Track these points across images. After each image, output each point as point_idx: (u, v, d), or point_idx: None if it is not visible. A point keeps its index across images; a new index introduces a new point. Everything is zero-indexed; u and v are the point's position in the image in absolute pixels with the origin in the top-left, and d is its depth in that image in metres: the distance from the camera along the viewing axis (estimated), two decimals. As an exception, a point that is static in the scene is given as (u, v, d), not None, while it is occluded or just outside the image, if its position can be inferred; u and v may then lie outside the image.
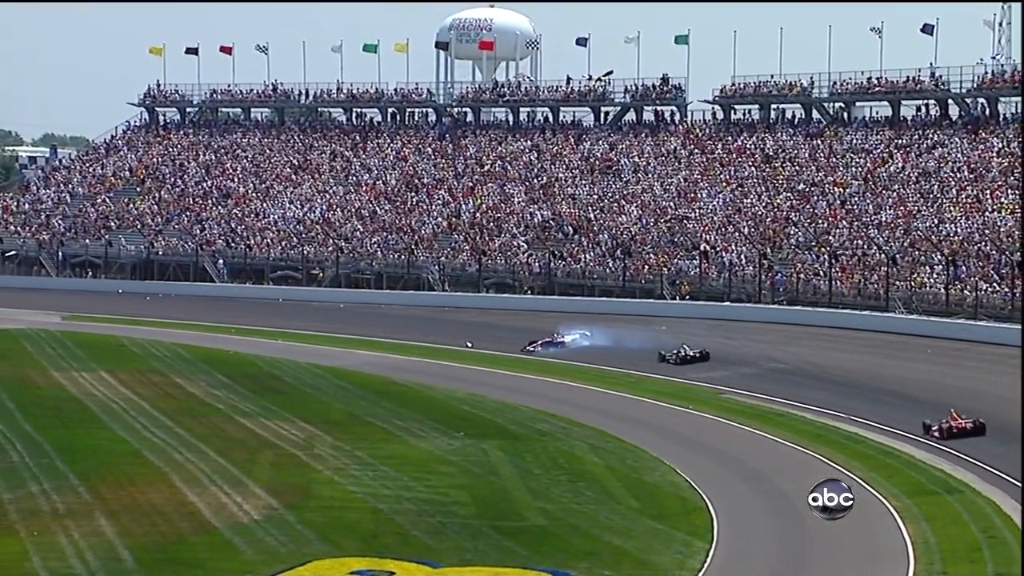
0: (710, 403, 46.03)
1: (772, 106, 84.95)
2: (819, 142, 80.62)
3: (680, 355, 53.70)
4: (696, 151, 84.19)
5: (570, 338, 59.11)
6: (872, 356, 54.79)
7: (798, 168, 79.21)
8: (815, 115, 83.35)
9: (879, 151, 77.74)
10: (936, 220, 69.83)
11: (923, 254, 67.12)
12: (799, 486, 33.24)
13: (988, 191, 70.40)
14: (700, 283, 71.91)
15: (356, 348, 59.71)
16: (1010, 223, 66.70)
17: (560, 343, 58.74)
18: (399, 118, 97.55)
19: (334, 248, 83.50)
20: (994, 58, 78.52)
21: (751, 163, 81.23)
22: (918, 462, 36.70)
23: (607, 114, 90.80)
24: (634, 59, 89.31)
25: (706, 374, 51.32)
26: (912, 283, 65.21)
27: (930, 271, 65.70)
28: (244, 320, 68.62)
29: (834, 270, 67.57)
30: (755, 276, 70.13)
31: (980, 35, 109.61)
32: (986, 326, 58.18)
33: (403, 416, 43.11)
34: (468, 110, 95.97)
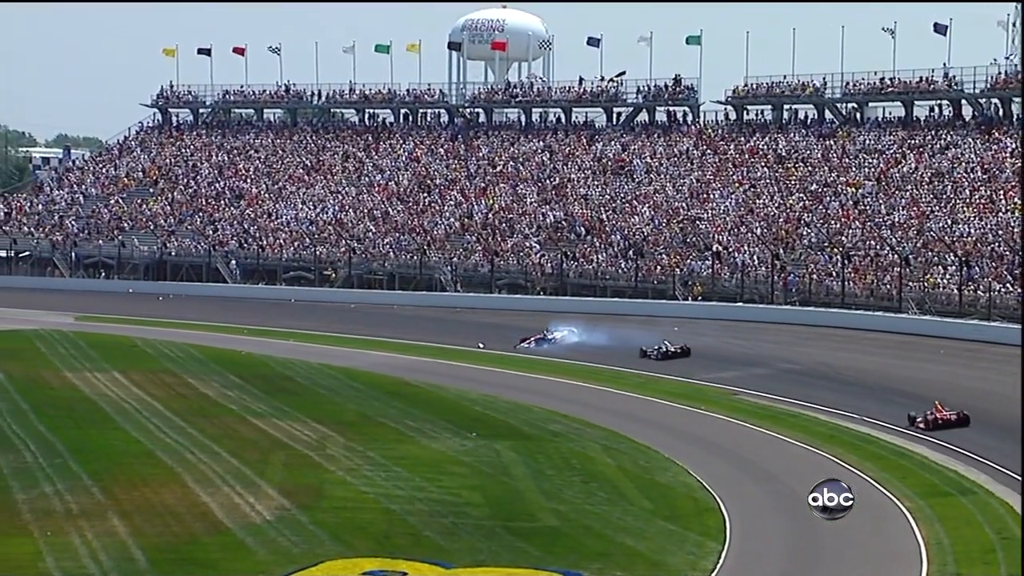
0: (722, 404, 45.98)
1: (784, 107, 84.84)
2: (832, 143, 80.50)
3: (661, 351, 55.07)
4: (708, 152, 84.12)
5: (559, 335, 60.34)
6: (885, 357, 54.69)
7: (811, 169, 79.10)
8: (828, 115, 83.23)
9: (892, 151, 77.60)
10: (949, 221, 69.70)
11: (936, 255, 66.98)
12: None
13: (1001, 191, 70.24)
14: (712, 284, 71.82)
15: (368, 349, 59.75)
16: (1024, 223, 66.62)
17: (552, 339, 59.89)
18: (411, 119, 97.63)
19: (346, 249, 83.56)
20: (1007, 58, 78.30)
21: (763, 164, 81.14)
22: (931, 463, 36.64)
23: (619, 115, 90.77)
24: (646, 60, 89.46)
25: (718, 375, 51.28)
26: (925, 284, 65.08)
27: (943, 272, 65.55)
28: (256, 321, 68.72)
29: (847, 271, 67.45)
30: (768, 277, 70.02)
31: (994, 35, 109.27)
32: (999, 327, 57.99)
33: (415, 417, 43.13)
34: (480, 111, 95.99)
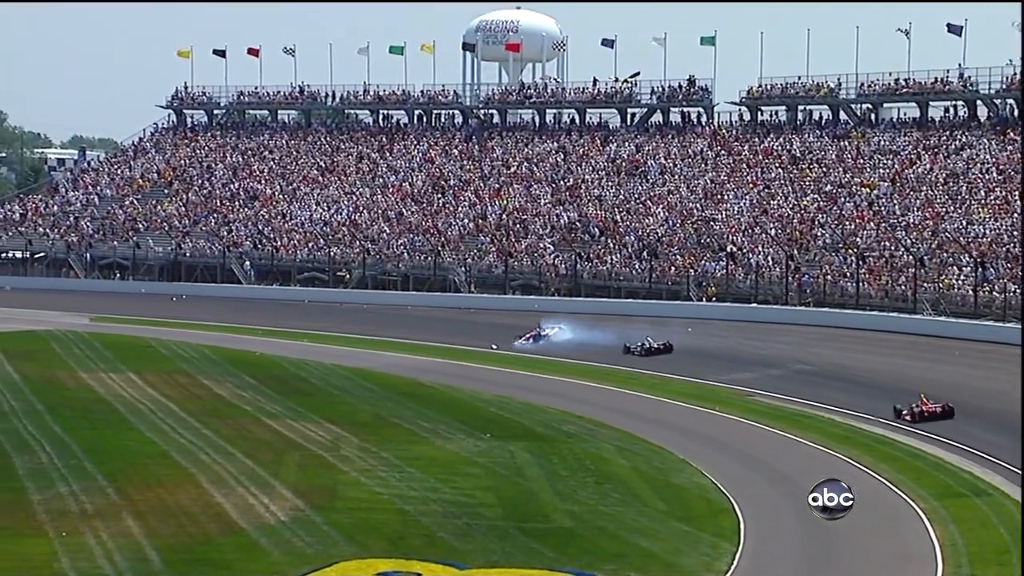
0: (736, 405, 45.96)
1: (799, 107, 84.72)
2: (846, 143, 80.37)
3: (644, 347, 56.59)
4: (723, 152, 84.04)
5: (551, 331, 61.45)
6: (899, 358, 54.60)
7: (825, 169, 78.97)
8: (842, 116, 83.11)
9: (907, 152, 77.45)
10: (964, 222, 69.52)
11: (951, 256, 66.83)
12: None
13: (1016, 192, 69.96)
14: (726, 285, 71.76)
15: (382, 350, 59.81)
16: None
17: (545, 336, 60.92)
18: (426, 120, 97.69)
19: (360, 250, 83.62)
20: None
21: (778, 164, 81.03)
22: (946, 464, 36.60)
23: (633, 116, 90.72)
24: (660, 60, 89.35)
25: (732, 376, 51.26)
26: (940, 285, 64.92)
27: (958, 273, 65.41)
28: (270, 322, 68.81)
29: (861, 272, 67.34)
30: (782, 278, 69.92)
31: (1009, 36, 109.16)
32: (1014, 328, 57.69)
33: (429, 418, 43.15)
34: (494, 112, 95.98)
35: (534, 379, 51.80)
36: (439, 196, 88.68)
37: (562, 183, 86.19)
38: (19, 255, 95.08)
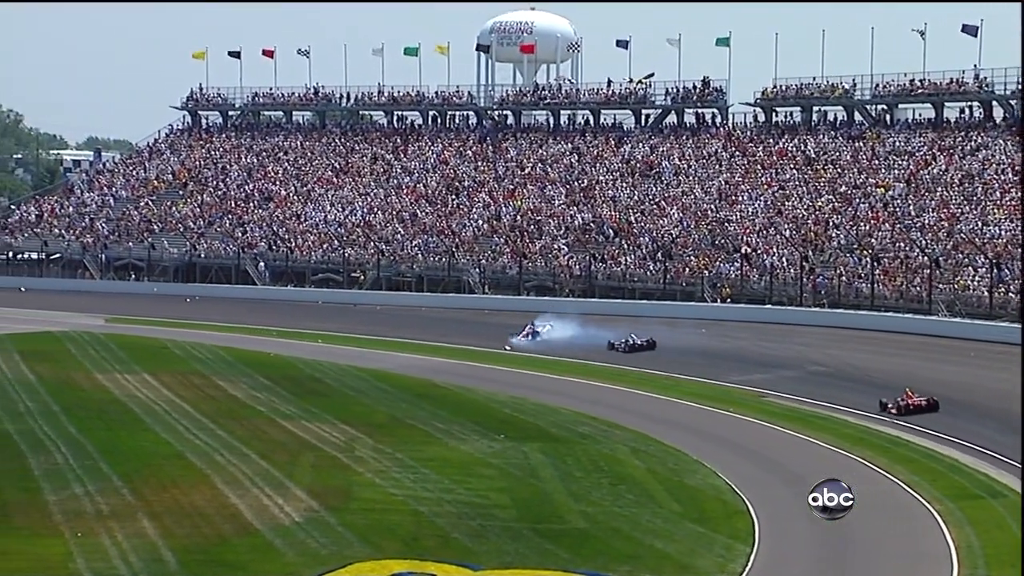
0: (751, 406, 45.87)
1: (814, 108, 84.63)
2: (861, 144, 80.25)
3: (628, 343, 57.95)
4: (737, 153, 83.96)
5: (544, 328, 62.53)
6: (914, 359, 54.47)
7: (840, 170, 78.86)
8: (857, 117, 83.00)
9: (922, 153, 77.30)
10: (980, 223, 69.38)
11: (966, 257, 66.71)
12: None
13: (1032, 193, 69.91)
14: (741, 286, 71.70)
15: (397, 351, 59.81)
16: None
17: (539, 333, 61.98)
18: (440, 121, 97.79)
19: (375, 251, 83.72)
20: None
21: (793, 165, 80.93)
22: (961, 466, 36.49)
23: (648, 117, 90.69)
24: (675, 61, 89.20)
25: (746, 377, 51.19)
26: (955, 286, 64.82)
27: (973, 274, 65.29)
28: (285, 323, 68.87)
29: (876, 273, 67.24)
30: (796, 279, 69.84)
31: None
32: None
33: (444, 419, 43.13)
34: (509, 113, 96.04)
35: (548, 380, 51.76)
36: (453, 197, 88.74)
37: (576, 184, 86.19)
38: (35, 256, 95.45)
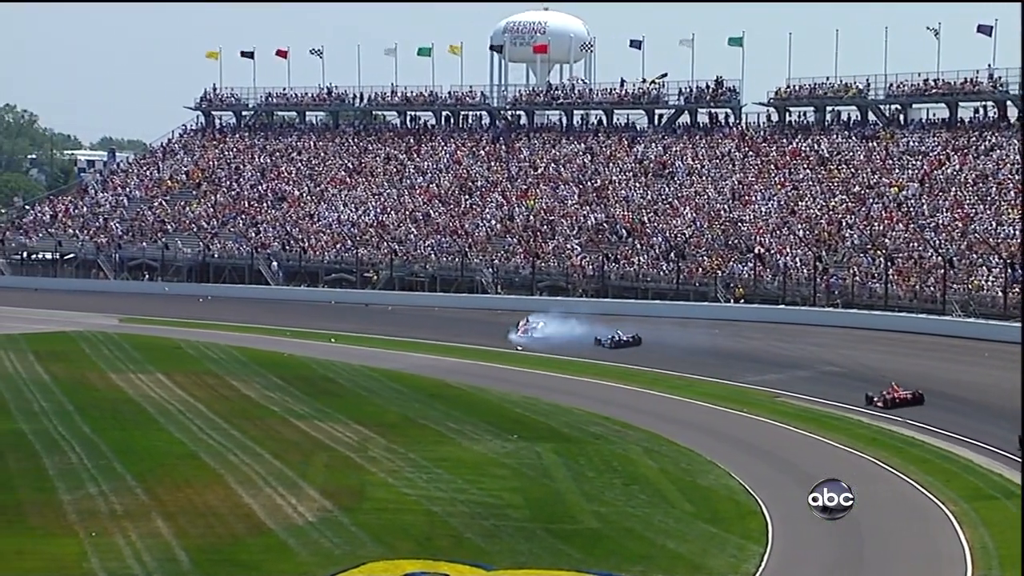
0: (764, 406, 45.86)
1: (827, 108, 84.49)
2: (875, 144, 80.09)
3: (614, 340, 59.54)
4: (751, 153, 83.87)
5: (539, 325, 63.64)
6: (929, 359, 54.40)
7: (854, 170, 78.72)
8: (871, 117, 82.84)
9: (936, 153, 77.13)
10: (994, 223, 69.20)
11: (980, 257, 66.55)
12: (855, 490, 33.09)
13: (1047, 193, 69.72)
14: (754, 286, 71.61)
15: (410, 351, 59.86)
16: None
17: (535, 329, 63.15)
18: (453, 121, 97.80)
19: (388, 251, 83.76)
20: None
21: (806, 165, 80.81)
22: (975, 466, 36.45)
23: (661, 117, 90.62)
24: (688, 61, 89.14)
25: (760, 377, 51.15)
26: (969, 286, 64.65)
27: (987, 274, 65.11)
28: (298, 322, 68.95)
29: (890, 273, 67.10)
30: (810, 279, 69.73)
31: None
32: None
33: (457, 419, 43.17)
34: (522, 113, 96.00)
35: (560, 380, 51.79)
36: (466, 197, 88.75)
37: (589, 184, 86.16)
38: (49, 256, 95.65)
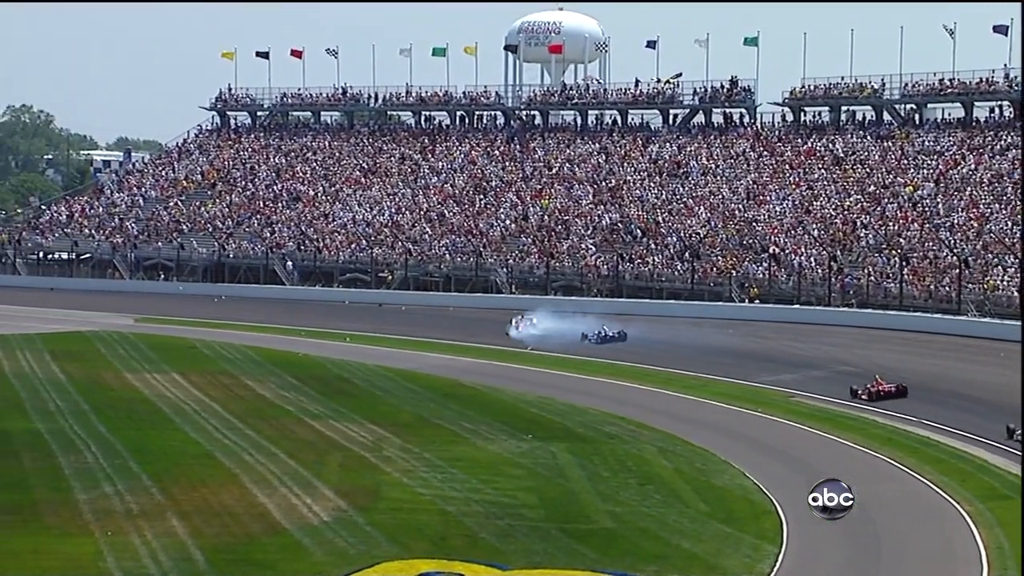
0: (779, 406, 45.80)
1: (842, 108, 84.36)
2: (890, 144, 79.94)
3: (600, 335, 60.76)
4: (765, 153, 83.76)
5: (535, 320, 64.72)
6: (944, 359, 54.32)
7: (869, 170, 78.59)
8: (886, 117, 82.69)
9: (951, 153, 76.96)
10: (1009, 222, 69.02)
11: (996, 256, 66.38)
12: (870, 490, 33.07)
13: (1063, 193, 69.49)
14: (769, 286, 71.53)
15: (425, 351, 59.89)
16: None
17: (532, 324, 64.34)
18: (467, 121, 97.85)
19: (403, 251, 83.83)
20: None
21: (821, 165, 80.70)
22: (991, 466, 36.37)
23: (675, 116, 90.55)
24: (703, 61, 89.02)
25: (775, 377, 51.09)
26: (984, 286, 64.48)
27: (1003, 274, 64.95)
28: (313, 322, 69.02)
29: (905, 273, 66.97)
30: (825, 279, 69.63)
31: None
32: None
33: (471, 418, 43.19)
34: (536, 113, 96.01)
35: (575, 380, 51.78)
36: (481, 197, 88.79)
37: (604, 184, 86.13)
38: (65, 256, 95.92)
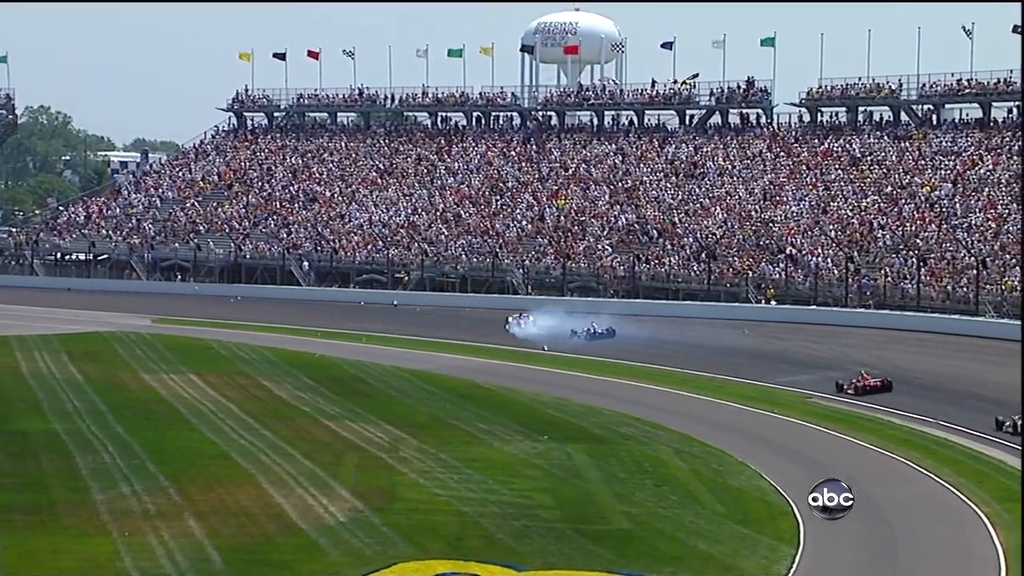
0: (796, 407, 45.73)
1: (859, 108, 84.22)
2: (907, 144, 79.77)
3: (589, 332, 61.63)
4: (782, 154, 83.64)
5: (532, 317, 65.35)
6: (961, 360, 54.18)
7: (886, 171, 78.43)
8: (903, 117, 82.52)
9: (969, 153, 76.77)
10: (1027, 223, 68.86)
11: (1014, 257, 66.18)
12: (886, 491, 33.07)
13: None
14: (786, 287, 71.41)
15: (441, 351, 59.91)
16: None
17: (529, 320, 65.07)
18: (484, 122, 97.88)
19: (419, 251, 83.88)
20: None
21: (838, 166, 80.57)
22: (1008, 467, 36.25)
23: (692, 117, 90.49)
24: (720, 62, 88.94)
25: (792, 378, 51.00)
26: (1003, 287, 64.32)
27: (1021, 274, 64.74)
28: (329, 323, 69.08)
29: (922, 273, 66.80)
30: (842, 280, 69.50)
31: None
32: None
33: (487, 419, 43.19)
34: (553, 113, 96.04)
35: (591, 381, 51.75)
36: (497, 198, 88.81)
37: (620, 185, 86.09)
38: (82, 257, 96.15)
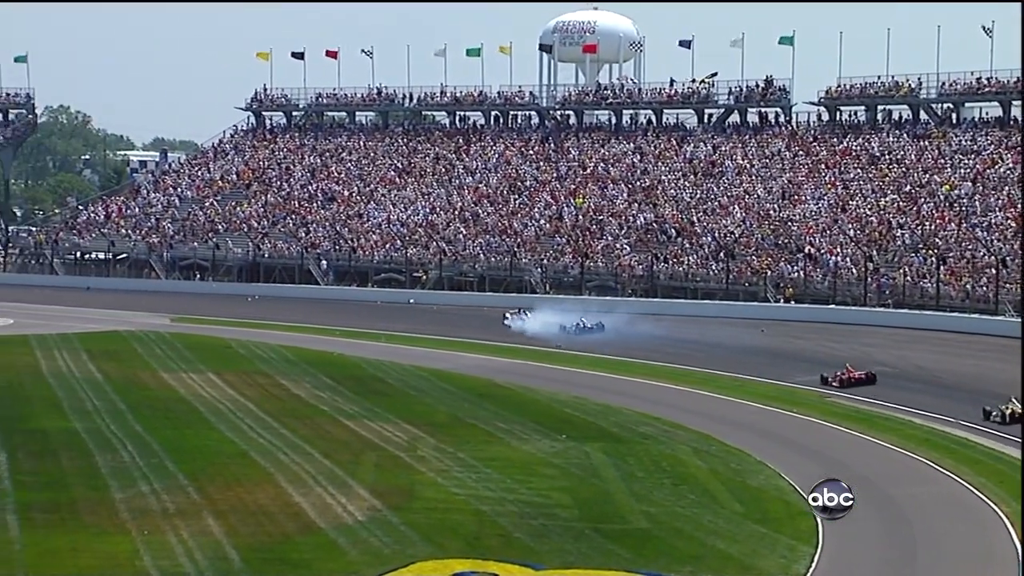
0: (815, 407, 45.62)
1: (879, 107, 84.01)
2: (927, 143, 79.56)
3: (578, 326, 62.74)
4: (801, 153, 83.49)
5: (530, 315, 66.76)
6: (981, 360, 53.96)
7: (905, 169, 78.24)
8: (923, 116, 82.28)
9: (988, 152, 76.52)
10: (1047, 222, 68.62)
11: (1034, 256, 65.99)
12: (906, 491, 32.97)
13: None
14: (804, 286, 71.27)
15: (459, 350, 59.90)
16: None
17: (527, 317, 66.00)
18: (502, 121, 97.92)
19: (437, 250, 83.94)
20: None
21: (857, 165, 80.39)
22: (1028, 468, 36.08)
23: (710, 116, 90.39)
24: (738, 61, 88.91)
25: (811, 378, 50.88)
26: (1022, 286, 64.06)
27: (1021, 273, 64.48)
28: (348, 322, 69.15)
29: (942, 272, 66.61)
30: (861, 279, 69.34)
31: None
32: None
33: (506, 418, 43.16)
34: (571, 112, 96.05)
35: (609, 380, 51.69)
36: (515, 197, 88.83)
37: (638, 184, 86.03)
38: (102, 256, 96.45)
